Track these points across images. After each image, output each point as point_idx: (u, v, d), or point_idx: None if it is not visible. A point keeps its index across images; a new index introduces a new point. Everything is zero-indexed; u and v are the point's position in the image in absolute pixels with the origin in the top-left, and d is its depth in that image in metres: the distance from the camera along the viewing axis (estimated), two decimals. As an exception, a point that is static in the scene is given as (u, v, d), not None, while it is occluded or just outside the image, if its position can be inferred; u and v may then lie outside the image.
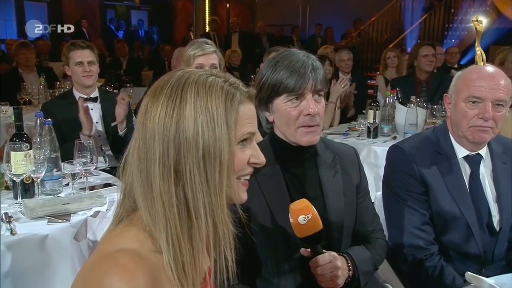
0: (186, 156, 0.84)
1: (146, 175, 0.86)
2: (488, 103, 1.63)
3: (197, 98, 0.86)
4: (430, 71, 4.31)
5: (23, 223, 1.83)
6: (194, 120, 0.85)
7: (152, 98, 0.88)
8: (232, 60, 6.66)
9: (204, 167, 0.85)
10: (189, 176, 0.84)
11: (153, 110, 0.87)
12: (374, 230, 1.63)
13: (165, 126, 0.85)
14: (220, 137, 0.86)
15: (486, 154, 1.76)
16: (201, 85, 0.87)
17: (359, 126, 3.57)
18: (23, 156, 1.92)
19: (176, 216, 0.84)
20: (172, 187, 0.84)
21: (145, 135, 0.86)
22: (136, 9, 13.84)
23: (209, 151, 0.85)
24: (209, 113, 0.85)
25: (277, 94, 1.45)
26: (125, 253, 0.81)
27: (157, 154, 0.85)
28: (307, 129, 1.45)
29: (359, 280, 1.48)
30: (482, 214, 1.71)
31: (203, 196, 0.85)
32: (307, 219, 1.28)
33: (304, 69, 1.41)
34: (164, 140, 0.85)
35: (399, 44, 10.22)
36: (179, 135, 0.84)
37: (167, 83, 0.89)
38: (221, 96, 0.87)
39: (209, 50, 2.45)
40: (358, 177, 1.60)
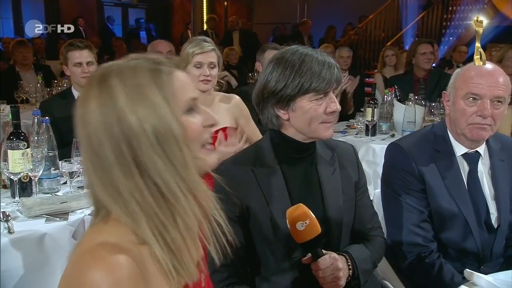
0: (140, 147, 0.82)
1: (109, 181, 0.83)
2: (486, 101, 1.63)
3: (125, 88, 0.83)
4: (428, 69, 4.31)
5: (21, 221, 1.83)
6: (131, 110, 0.82)
7: (83, 104, 0.85)
8: (230, 58, 6.64)
9: (162, 150, 0.83)
10: (151, 163, 0.82)
11: (88, 116, 0.84)
12: (373, 228, 1.63)
13: (106, 127, 0.82)
14: (164, 115, 0.83)
15: (484, 151, 1.76)
16: (125, 74, 0.85)
17: (358, 124, 3.57)
18: (21, 155, 1.92)
19: (154, 207, 0.83)
20: (140, 181, 0.82)
21: (91, 144, 0.84)
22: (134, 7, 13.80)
23: (160, 132, 0.83)
24: (144, 97, 0.83)
25: (305, 92, 1.42)
26: (105, 246, 0.80)
27: (111, 157, 0.82)
28: (328, 125, 1.47)
29: (359, 279, 1.48)
30: (480, 212, 1.71)
31: (172, 176, 0.83)
32: (305, 225, 1.28)
33: (330, 69, 1.42)
34: (111, 141, 0.82)
35: (397, 42, 10.21)
36: (124, 130, 0.82)
37: (91, 85, 0.86)
38: (149, 76, 0.85)
39: (208, 48, 2.43)
40: (357, 175, 1.60)
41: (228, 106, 2.55)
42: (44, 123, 2.12)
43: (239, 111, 2.58)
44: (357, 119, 3.61)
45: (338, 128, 3.80)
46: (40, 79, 4.41)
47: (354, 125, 3.65)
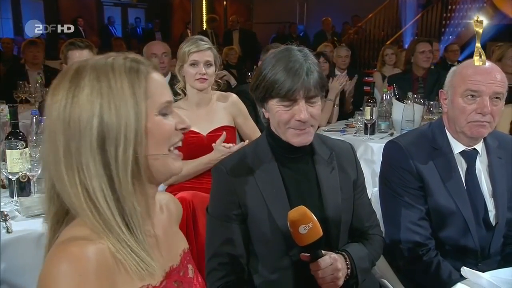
0: (81, 143, 0.82)
1: (57, 174, 0.84)
2: (485, 97, 1.63)
3: (95, 82, 0.83)
4: (427, 68, 4.31)
5: (19, 221, 1.83)
6: (90, 104, 0.82)
7: (51, 96, 0.85)
8: (230, 58, 6.64)
9: (101, 150, 0.83)
10: (85, 163, 0.82)
11: (53, 108, 0.84)
12: (371, 226, 1.63)
13: (64, 120, 0.83)
14: (125, 113, 0.83)
15: (482, 149, 1.77)
16: (100, 68, 0.84)
17: (356, 123, 3.57)
18: (19, 155, 1.92)
19: (85, 207, 0.83)
20: (76, 179, 0.83)
21: (49, 136, 0.85)
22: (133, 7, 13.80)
23: (109, 130, 0.82)
24: (112, 93, 0.83)
25: (270, 96, 1.43)
26: (73, 240, 0.81)
27: (61, 150, 0.83)
28: (299, 132, 1.44)
29: (357, 278, 1.48)
30: (478, 209, 1.71)
31: (100, 181, 0.83)
32: (308, 228, 1.27)
33: (298, 75, 1.38)
34: (65, 135, 0.83)
35: (397, 40, 10.21)
36: (75, 125, 0.82)
37: (64, 76, 0.86)
38: (124, 73, 0.85)
39: (204, 47, 2.42)
40: (355, 173, 1.61)
41: (225, 105, 2.55)
42: (42, 123, 2.12)
43: (237, 109, 2.58)
44: (356, 118, 3.61)
45: (337, 127, 3.81)
46: (39, 79, 4.41)
47: (353, 124, 3.65)
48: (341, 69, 4.97)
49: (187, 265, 1.01)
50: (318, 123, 1.47)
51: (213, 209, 1.52)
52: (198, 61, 2.40)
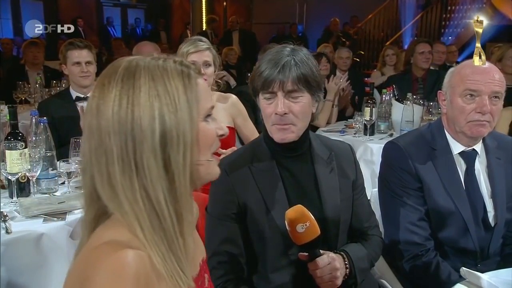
0: (142, 145, 0.80)
1: (107, 175, 0.81)
2: (484, 97, 1.63)
3: (152, 83, 0.81)
4: (427, 68, 4.31)
5: (19, 221, 1.83)
6: (150, 105, 0.80)
7: (101, 94, 0.82)
8: (229, 58, 6.64)
9: (163, 153, 0.81)
10: (147, 166, 0.80)
11: (105, 107, 0.81)
12: (370, 227, 1.63)
13: (120, 120, 0.80)
14: (182, 117, 0.82)
15: (481, 149, 1.77)
16: (154, 69, 0.83)
17: (356, 124, 3.57)
18: (18, 155, 1.92)
19: (143, 211, 0.80)
20: (135, 181, 0.80)
21: (100, 135, 0.81)
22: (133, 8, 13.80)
23: (170, 134, 0.81)
24: (168, 96, 0.81)
25: (257, 89, 1.47)
26: (112, 244, 0.78)
27: (115, 150, 0.80)
28: (279, 127, 1.45)
29: (356, 278, 1.48)
30: (478, 210, 1.71)
31: (162, 185, 0.81)
32: (305, 227, 1.27)
33: (275, 66, 1.40)
34: (121, 135, 0.80)
35: (396, 41, 10.22)
36: (134, 125, 0.80)
37: (114, 75, 0.83)
38: (178, 76, 0.84)
39: (202, 47, 2.42)
40: (354, 174, 1.61)
41: (225, 105, 2.56)
42: (42, 123, 2.12)
43: (236, 110, 2.59)
44: (355, 118, 3.61)
45: (336, 127, 3.81)
46: (39, 80, 4.41)
47: (353, 125, 3.65)
48: (342, 70, 4.97)
49: (204, 274, 0.99)
50: (302, 122, 1.45)
51: (212, 209, 1.52)
52: (196, 62, 2.39)
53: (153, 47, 3.90)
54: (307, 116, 1.47)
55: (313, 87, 1.45)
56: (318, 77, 1.47)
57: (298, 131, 1.47)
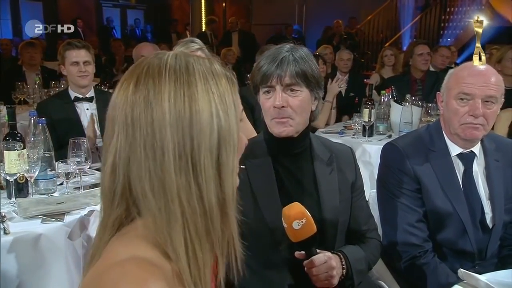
0: (200, 143, 0.76)
1: (159, 173, 0.75)
2: (478, 100, 1.64)
3: (206, 81, 0.79)
4: (426, 70, 4.32)
5: (17, 222, 1.82)
6: (207, 102, 0.77)
7: (152, 86, 0.77)
8: (228, 59, 6.64)
9: (217, 154, 0.78)
10: (204, 165, 0.76)
11: (158, 99, 0.76)
12: (369, 230, 1.63)
13: (177, 112, 0.75)
14: (232, 119, 0.80)
15: (479, 151, 1.77)
16: (204, 69, 0.80)
17: (355, 125, 3.58)
18: (17, 156, 1.92)
19: (196, 212, 0.76)
20: (192, 181, 0.75)
21: (152, 127, 0.75)
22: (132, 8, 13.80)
23: (224, 135, 0.78)
24: (220, 96, 0.79)
25: (257, 85, 1.50)
26: (135, 261, 0.73)
27: (171, 146, 0.74)
28: (278, 121, 1.47)
29: (353, 279, 1.48)
30: (475, 211, 1.72)
31: (215, 185, 0.77)
32: (301, 224, 1.28)
33: (273, 61, 1.44)
34: (178, 128, 0.75)
35: (395, 43, 10.24)
36: (193, 120, 0.76)
37: (162, 68, 0.78)
38: (224, 79, 0.82)
39: (193, 48, 2.41)
40: (354, 176, 1.61)
41: None
42: (40, 124, 2.12)
43: None
44: (354, 119, 3.61)
45: (335, 129, 3.81)
46: (37, 80, 4.41)
47: (351, 126, 3.65)
48: (342, 72, 4.97)
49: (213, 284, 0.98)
50: (300, 117, 1.47)
51: None
52: None
53: (153, 49, 3.90)
54: (305, 111, 1.49)
55: (312, 83, 1.47)
56: (317, 75, 1.48)
57: (297, 125, 1.48)
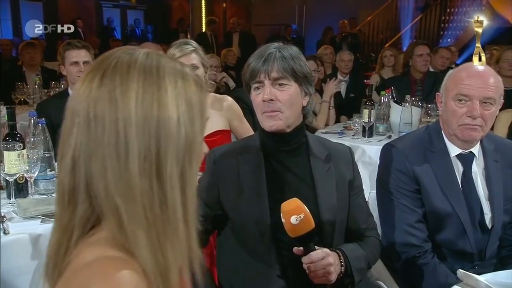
0: (167, 149, 0.74)
1: (122, 173, 0.72)
2: (475, 101, 1.64)
3: (175, 85, 0.76)
4: (425, 71, 4.32)
5: (16, 222, 1.82)
6: (176, 108, 0.75)
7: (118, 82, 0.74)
8: (228, 59, 6.65)
9: (182, 162, 0.76)
10: (169, 172, 0.74)
11: (125, 95, 0.73)
12: (368, 229, 1.64)
13: (144, 113, 0.73)
14: (196, 128, 0.78)
15: (478, 152, 1.77)
16: (175, 72, 0.78)
17: (354, 125, 3.57)
18: (17, 156, 1.92)
19: (158, 218, 0.74)
20: (154, 185, 0.73)
21: (116, 125, 0.72)
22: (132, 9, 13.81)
23: (190, 143, 0.77)
24: (188, 102, 0.77)
25: (248, 85, 1.53)
26: (102, 260, 0.71)
27: (136, 148, 0.72)
28: (268, 114, 1.50)
29: (353, 277, 1.48)
30: (475, 212, 1.72)
31: (180, 192, 0.76)
32: (299, 219, 1.29)
33: (261, 57, 1.48)
34: (144, 130, 0.73)
35: (395, 43, 10.24)
36: (161, 125, 0.73)
37: (132, 64, 0.75)
38: (194, 85, 0.79)
39: (187, 50, 2.38)
40: (352, 174, 1.62)
41: (220, 108, 2.53)
42: (40, 124, 2.12)
43: (232, 113, 2.56)
44: (354, 120, 3.61)
45: (335, 129, 3.81)
46: (37, 80, 4.41)
47: (351, 127, 3.65)
48: (343, 73, 4.96)
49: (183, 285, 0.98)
50: (290, 111, 1.49)
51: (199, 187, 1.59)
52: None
53: (156, 48, 3.91)
54: (295, 105, 1.51)
55: (300, 78, 1.49)
56: (306, 71, 1.51)
57: (286, 119, 1.50)
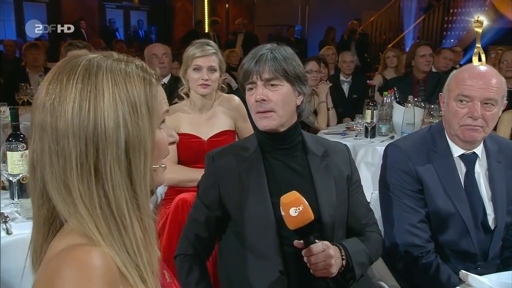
0: (106, 152, 0.77)
1: (63, 178, 0.77)
2: (476, 102, 1.64)
3: (115, 88, 0.78)
4: (428, 71, 4.31)
5: (19, 223, 1.83)
6: (114, 112, 0.77)
7: (59, 92, 0.78)
8: (231, 60, 6.66)
9: (126, 161, 0.79)
10: (109, 173, 0.78)
11: (63, 107, 0.77)
12: (368, 224, 1.64)
13: (81, 122, 0.76)
14: (143, 126, 0.80)
15: (481, 153, 1.77)
16: (117, 73, 0.80)
17: (357, 126, 3.57)
18: (20, 156, 1.92)
19: (101, 217, 0.78)
20: (93, 187, 0.77)
21: (56, 135, 0.77)
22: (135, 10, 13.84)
23: (133, 143, 0.79)
24: (130, 103, 0.79)
25: (242, 86, 1.56)
26: (70, 247, 0.76)
27: (73, 154, 0.77)
28: (261, 115, 1.52)
29: (354, 271, 1.48)
30: (477, 213, 1.72)
31: (125, 192, 0.79)
32: (298, 211, 1.30)
33: (253, 58, 1.50)
34: (81, 138, 0.76)
35: (398, 44, 10.22)
36: (97, 131, 0.77)
37: (73, 73, 0.79)
38: (140, 83, 0.81)
39: (209, 52, 2.40)
40: (349, 169, 1.63)
41: (227, 109, 2.54)
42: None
43: (238, 113, 2.57)
44: (356, 121, 3.61)
45: (337, 130, 3.81)
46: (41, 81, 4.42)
47: (354, 127, 3.65)
48: (346, 74, 4.96)
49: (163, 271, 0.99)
50: (283, 110, 1.51)
51: (199, 191, 1.63)
52: (201, 66, 2.37)
53: (164, 47, 3.96)
54: (288, 105, 1.52)
55: (292, 78, 1.51)
56: (298, 70, 1.53)
57: (280, 118, 1.51)
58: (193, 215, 1.64)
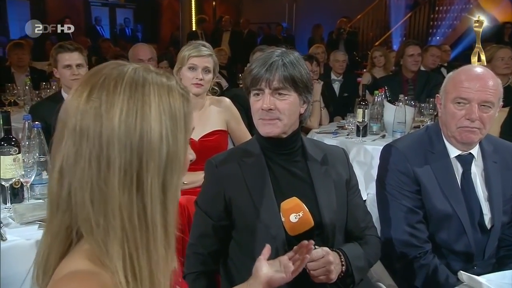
0: (148, 163, 0.77)
1: (101, 186, 0.75)
2: (474, 104, 1.66)
3: (160, 101, 0.79)
4: (416, 70, 4.35)
5: (13, 228, 1.80)
6: (159, 124, 0.77)
7: (105, 97, 0.77)
8: (219, 59, 6.60)
9: (164, 175, 0.79)
10: (150, 185, 0.77)
11: (110, 113, 0.76)
12: (367, 227, 1.65)
13: (127, 130, 0.76)
14: (180, 141, 0.81)
15: (477, 153, 1.79)
16: (161, 86, 0.80)
17: (348, 125, 3.59)
18: (12, 161, 1.89)
19: (137, 230, 0.77)
20: (134, 197, 0.76)
21: (100, 141, 0.75)
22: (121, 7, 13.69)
23: (172, 157, 0.79)
24: (172, 117, 0.80)
25: (248, 89, 1.55)
26: (69, 275, 0.75)
27: (117, 162, 0.75)
28: (265, 121, 1.52)
29: (353, 276, 1.49)
30: (474, 213, 1.74)
31: (160, 206, 0.79)
32: (299, 217, 1.31)
33: (263, 65, 1.48)
34: (126, 146, 0.75)
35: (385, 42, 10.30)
36: (143, 141, 0.76)
37: (119, 80, 0.78)
38: (180, 99, 0.82)
39: (205, 53, 2.45)
40: (348, 173, 1.64)
41: (218, 109, 2.57)
42: (35, 128, 2.09)
43: (230, 114, 2.59)
44: (348, 120, 3.63)
45: (329, 129, 3.82)
46: (28, 81, 4.35)
47: (345, 126, 3.67)
48: (338, 73, 4.97)
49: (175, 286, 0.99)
50: (288, 119, 1.51)
51: (201, 201, 1.60)
52: (197, 66, 2.41)
53: (150, 51, 3.90)
54: (293, 113, 1.52)
55: (300, 87, 1.50)
56: (306, 79, 1.52)
57: (284, 126, 1.52)
58: (198, 230, 1.59)
